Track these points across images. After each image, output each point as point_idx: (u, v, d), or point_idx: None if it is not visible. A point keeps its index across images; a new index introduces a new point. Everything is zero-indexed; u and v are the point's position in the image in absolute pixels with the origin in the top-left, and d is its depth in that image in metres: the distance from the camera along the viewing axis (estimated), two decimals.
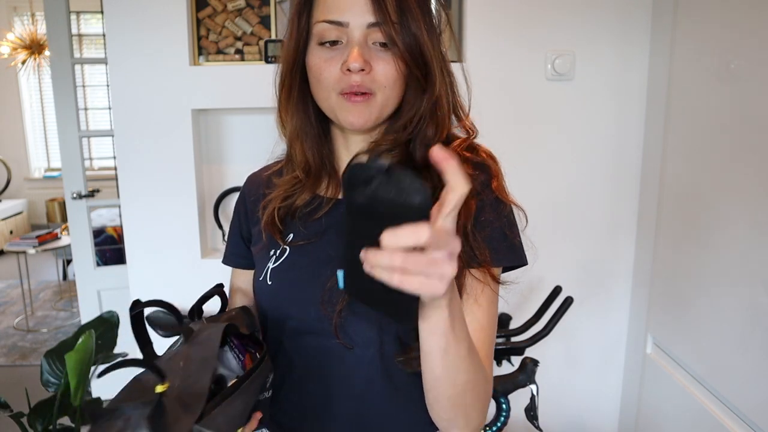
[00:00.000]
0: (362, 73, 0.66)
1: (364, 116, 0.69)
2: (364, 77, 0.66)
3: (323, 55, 0.68)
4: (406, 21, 0.65)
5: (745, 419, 1.33)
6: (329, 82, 0.68)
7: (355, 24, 0.66)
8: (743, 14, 1.34)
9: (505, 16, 1.73)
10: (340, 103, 0.69)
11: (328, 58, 0.68)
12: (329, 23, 0.66)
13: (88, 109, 5.28)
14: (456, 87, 0.74)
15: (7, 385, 2.87)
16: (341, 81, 0.67)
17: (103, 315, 1.92)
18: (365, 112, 0.69)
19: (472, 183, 0.69)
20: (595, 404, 2.01)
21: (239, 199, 0.88)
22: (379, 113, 0.70)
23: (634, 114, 1.81)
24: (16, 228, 5.74)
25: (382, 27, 0.65)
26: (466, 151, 0.74)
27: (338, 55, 0.67)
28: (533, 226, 0.78)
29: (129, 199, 1.79)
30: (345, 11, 0.65)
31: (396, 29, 0.65)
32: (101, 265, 2.62)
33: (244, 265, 0.87)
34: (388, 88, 0.68)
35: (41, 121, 6.11)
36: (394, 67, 0.67)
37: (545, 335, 1.47)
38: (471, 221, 0.68)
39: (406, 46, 0.66)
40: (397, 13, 0.65)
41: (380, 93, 0.68)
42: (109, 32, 1.70)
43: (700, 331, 1.51)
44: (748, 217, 1.32)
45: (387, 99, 0.69)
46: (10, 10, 5.66)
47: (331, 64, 0.67)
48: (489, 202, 0.71)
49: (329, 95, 0.69)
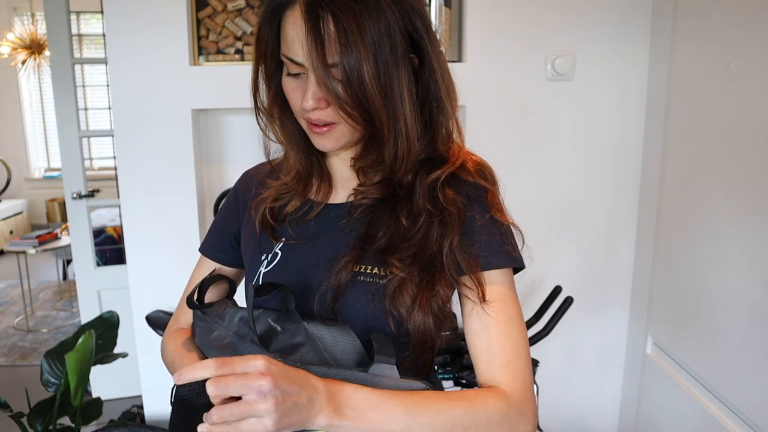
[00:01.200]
0: (318, 110, 0.66)
1: (331, 143, 0.70)
2: (320, 113, 0.66)
3: (290, 84, 0.68)
4: (345, 62, 0.60)
5: (745, 419, 1.33)
6: (296, 110, 0.70)
7: (308, 64, 0.63)
8: (743, 14, 1.34)
9: (505, 16, 1.73)
10: (308, 130, 0.70)
11: (294, 88, 0.68)
12: (289, 60, 0.66)
13: (88, 109, 5.28)
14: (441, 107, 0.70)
15: (7, 385, 2.87)
16: (305, 111, 0.67)
17: (103, 315, 1.92)
18: (332, 139, 0.69)
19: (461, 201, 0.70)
20: (595, 404, 2.01)
21: (231, 194, 0.88)
22: (348, 138, 0.70)
23: (634, 114, 1.81)
24: (16, 228, 5.74)
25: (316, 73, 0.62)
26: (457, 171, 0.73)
27: (301, 85, 0.67)
28: (533, 227, 0.78)
29: (129, 199, 1.79)
30: (297, 52, 0.64)
31: (330, 72, 0.61)
32: (101, 265, 2.62)
33: (220, 260, 0.87)
34: (351, 118, 0.65)
35: (41, 121, 6.11)
36: (348, 100, 0.64)
37: (545, 335, 1.47)
38: (457, 237, 0.68)
39: (341, 90, 0.62)
40: (338, 53, 0.60)
41: (341, 123, 0.67)
42: (109, 32, 1.70)
43: (700, 331, 1.51)
44: (748, 216, 1.32)
45: (352, 126, 0.67)
46: (10, 10, 5.66)
47: (297, 94, 0.68)
48: (481, 218, 0.71)
49: (300, 118, 0.71)
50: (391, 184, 0.72)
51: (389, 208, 0.71)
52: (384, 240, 0.69)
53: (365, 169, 0.74)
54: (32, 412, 1.70)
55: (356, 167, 0.75)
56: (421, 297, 0.66)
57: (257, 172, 0.87)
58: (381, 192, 0.72)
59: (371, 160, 0.72)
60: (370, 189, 0.73)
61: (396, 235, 0.69)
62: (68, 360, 1.57)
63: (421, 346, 0.68)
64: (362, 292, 0.69)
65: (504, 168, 0.84)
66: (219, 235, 0.87)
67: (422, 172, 0.71)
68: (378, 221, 0.71)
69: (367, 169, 0.74)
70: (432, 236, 0.68)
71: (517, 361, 0.67)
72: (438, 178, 0.71)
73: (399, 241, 0.69)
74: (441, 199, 0.70)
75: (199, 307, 0.75)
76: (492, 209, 0.72)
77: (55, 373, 1.75)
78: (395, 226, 0.70)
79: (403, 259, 0.67)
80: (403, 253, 0.68)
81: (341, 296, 0.69)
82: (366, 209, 0.73)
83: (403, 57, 0.65)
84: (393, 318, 0.67)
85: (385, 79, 0.63)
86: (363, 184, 0.74)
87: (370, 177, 0.74)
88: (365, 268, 0.70)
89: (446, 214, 0.69)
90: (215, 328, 0.72)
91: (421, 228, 0.69)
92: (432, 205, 0.70)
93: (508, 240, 0.72)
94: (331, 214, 0.76)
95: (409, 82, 0.66)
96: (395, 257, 0.68)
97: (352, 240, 0.72)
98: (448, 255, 0.68)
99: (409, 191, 0.72)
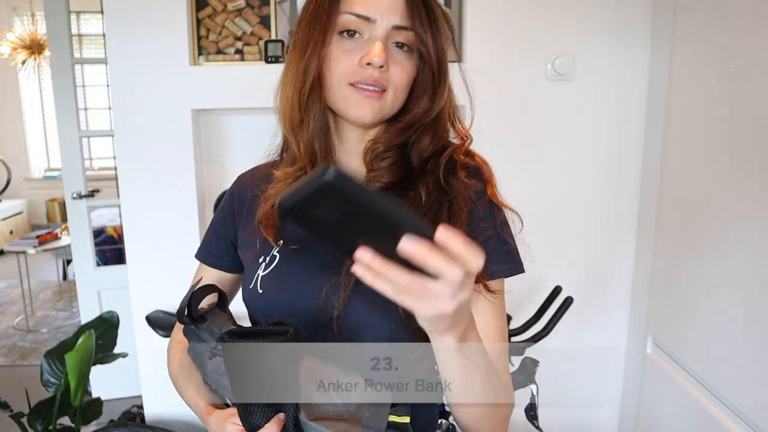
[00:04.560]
0: (381, 69, 0.67)
1: (374, 111, 0.69)
2: (381, 74, 0.67)
3: (343, 45, 0.68)
4: (434, 31, 0.67)
5: (745, 419, 1.33)
6: (343, 73, 0.68)
7: (382, 22, 0.66)
8: (743, 14, 1.34)
9: (505, 16, 1.73)
10: (351, 94, 0.69)
11: (348, 50, 0.68)
12: (356, 16, 0.67)
13: (88, 109, 5.27)
14: (453, 96, 0.75)
15: (7, 385, 2.87)
16: (356, 73, 0.68)
17: (103, 315, 1.92)
18: (375, 107, 0.69)
19: (467, 190, 0.70)
20: (595, 404, 2.01)
21: (227, 199, 0.86)
22: (387, 111, 0.71)
23: (634, 114, 1.81)
24: (16, 228, 5.74)
25: (410, 32, 0.67)
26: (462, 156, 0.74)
27: (358, 48, 0.68)
28: (533, 226, 0.78)
29: (129, 199, 1.79)
30: (374, 7, 0.66)
31: (422, 37, 0.67)
32: (101, 265, 2.62)
33: (217, 265, 0.85)
34: (399, 90, 0.69)
35: (41, 121, 6.10)
36: (409, 71, 0.69)
37: (545, 335, 1.47)
38: (464, 229, 0.68)
39: (428, 55, 0.68)
40: (427, 22, 0.67)
41: (391, 92, 0.69)
42: (109, 32, 1.70)
43: (700, 331, 1.51)
44: (748, 216, 1.32)
45: (395, 99, 0.70)
46: (10, 10, 5.66)
47: (349, 55, 0.68)
48: (483, 210, 0.71)
49: (340, 85, 0.69)
50: (403, 168, 0.73)
51: (401, 192, 0.72)
52: None
53: (378, 157, 0.74)
54: (32, 412, 1.70)
55: (370, 155, 0.74)
56: None
57: (252, 174, 0.86)
58: (394, 175, 0.73)
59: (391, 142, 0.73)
60: (383, 173, 0.73)
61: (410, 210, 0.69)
62: (68, 360, 1.57)
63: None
64: (369, 291, 0.68)
65: (504, 168, 0.83)
66: (215, 241, 0.85)
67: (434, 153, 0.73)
68: None
69: (380, 156, 0.74)
70: (441, 219, 0.69)
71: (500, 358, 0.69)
72: (453, 157, 0.73)
73: None
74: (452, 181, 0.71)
75: (190, 322, 0.72)
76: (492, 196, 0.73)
77: (55, 373, 1.75)
78: (410, 205, 0.70)
79: None
80: None
81: (348, 298, 0.68)
82: None
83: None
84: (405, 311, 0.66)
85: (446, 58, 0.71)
86: (373, 170, 0.74)
87: (379, 164, 0.74)
88: None
89: (454, 199, 0.70)
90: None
91: (432, 207, 0.69)
92: (445, 181, 0.71)
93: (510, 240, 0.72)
94: None
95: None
96: None
97: None
98: None
99: (422, 171, 0.72)
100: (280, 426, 0.58)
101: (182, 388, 0.78)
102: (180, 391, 0.79)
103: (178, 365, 0.80)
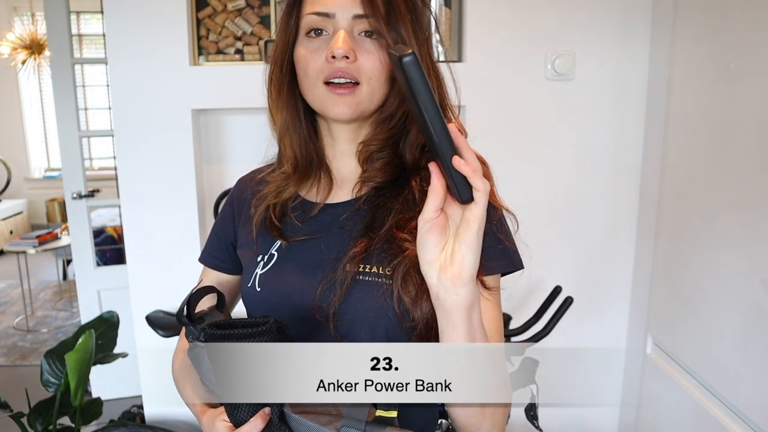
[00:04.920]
0: (347, 60, 0.67)
1: (350, 107, 0.69)
2: (348, 65, 0.67)
3: (310, 45, 0.69)
4: (393, 17, 0.67)
5: (745, 419, 1.33)
6: (314, 72, 0.69)
7: (342, 15, 0.67)
8: (743, 14, 1.34)
9: (505, 16, 1.73)
10: (326, 94, 0.69)
11: (315, 49, 0.69)
12: (316, 15, 0.68)
13: (88, 109, 5.27)
14: (445, 88, 0.74)
15: (7, 385, 2.87)
16: (325, 69, 0.68)
17: (103, 315, 1.92)
18: (351, 103, 0.69)
19: None
20: (595, 404, 2.01)
21: (228, 201, 0.88)
22: (366, 105, 0.70)
23: (634, 114, 1.81)
24: (16, 228, 5.74)
25: (369, 19, 0.67)
26: None
27: (324, 45, 0.68)
28: (533, 226, 0.78)
29: (129, 199, 1.79)
30: (332, 3, 0.67)
31: (382, 22, 0.67)
32: (101, 265, 2.62)
33: (219, 267, 0.87)
34: (373, 79, 0.68)
35: (41, 121, 6.11)
36: (379, 58, 0.68)
37: (545, 335, 1.47)
38: None
39: (392, 39, 0.67)
40: (385, 7, 0.67)
41: (365, 84, 0.69)
42: (109, 32, 1.70)
43: (700, 331, 1.51)
44: (748, 216, 1.32)
45: (373, 91, 0.69)
46: (10, 10, 5.66)
47: (317, 54, 0.68)
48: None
49: (315, 85, 0.70)
50: (398, 167, 0.73)
51: (396, 191, 0.72)
52: (393, 219, 0.70)
53: (372, 156, 0.74)
54: (32, 412, 1.70)
55: (363, 154, 0.75)
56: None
57: (251, 177, 0.87)
58: (389, 174, 0.73)
59: (381, 138, 0.73)
60: (377, 172, 0.73)
61: (406, 211, 0.70)
62: (68, 360, 1.57)
63: (427, 333, 0.68)
64: (364, 290, 0.69)
65: (504, 168, 0.84)
66: (216, 244, 0.87)
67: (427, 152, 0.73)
68: (386, 204, 0.72)
69: (374, 155, 0.74)
70: None
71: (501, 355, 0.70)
72: None
73: (409, 218, 0.69)
74: None
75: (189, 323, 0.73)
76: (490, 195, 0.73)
77: (55, 373, 1.75)
78: (404, 202, 0.70)
79: (413, 233, 0.67)
80: (414, 229, 0.67)
81: (344, 296, 0.69)
82: (373, 196, 0.73)
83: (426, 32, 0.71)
84: (400, 307, 0.67)
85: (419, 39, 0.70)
86: (367, 171, 0.74)
87: (374, 164, 0.74)
88: (367, 267, 0.69)
89: None
90: None
91: None
92: None
93: (508, 237, 0.73)
94: (331, 214, 0.76)
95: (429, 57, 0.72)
96: (406, 233, 0.68)
97: (356, 234, 0.71)
98: None
99: (416, 167, 0.72)
100: (265, 420, 0.59)
101: (182, 389, 0.79)
102: (180, 392, 0.80)
103: (179, 367, 0.81)
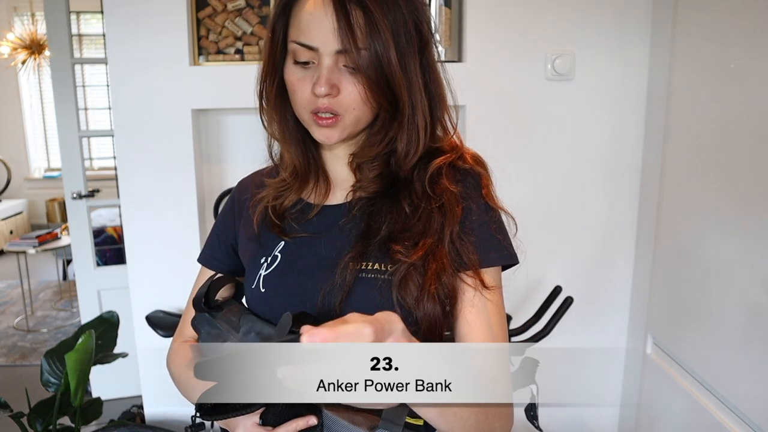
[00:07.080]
0: (329, 96, 0.68)
1: (334, 136, 0.71)
2: (331, 100, 0.68)
3: (297, 74, 0.70)
4: (374, 47, 0.65)
5: (745, 419, 1.33)
6: (302, 102, 0.70)
7: (324, 50, 0.66)
8: (743, 14, 1.34)
9: (505, 16, 1.73)
10: (312, 122, 0.71)
11: (301, 78, 0.69)
12: (301, 45, 0.68)
13: (88, 109, 5.28)
14: (437, 102, 0.74)
15: (7, 385, 2.87)
16: (312, 102, 0.69)
17: (103, 315, 1.92)
18: (334, 133, 0.70)
19: (458, 189, 0.71)
20: (595, 404, 2.01)
21: (228, 202, 0.89)
22: (352, 129, 0.72)
23: (634, 114, 1.80)
24: (16, 228, 5.74)
25: (350, 54, 0.66)
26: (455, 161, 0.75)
27: (309, 75, 0.69)
28: (533, 226, 0.79)
29: (129, 199, 1.79)
30: (314, 37, 0.66)
31: (362, 56, 0.65)
32: (101, 265, 2.62)
33: (218, 268, 0.87)
34: (356, 110, 0.69)
35: (41, 121, 6.11)
36: (360, 91, 0.68)
37: (545, 335, 1.47)
38: (457, 227, 0.70)
39: (372, 73, 0.66)
40: (367, 38, 0.65)
41: (348, 114, 0.69)
42: (109, 32, 1.70)
43: (700, 331, 1.51)
44: (748, 216, 1.32)
45: (356, 119, 0.70)
46: (10, 10, 5.66)
47: (303, 83, 0.69)
48: (478, 208, 0.72)
49: (302, 112, 0.71)
50: (389, 178, 0.74)
51: (389, 200, 0.73)
52: (386, 230, 0.70)
53: (363, 166, 0.75)
54: (32, 412, 1.70)
55: (354, 164, 0.76)
56: (429, 286, 0.67)
57: (252, 179, 0.88)
58: (380, 185, 0.74)
59: (371, 155, 0.74)
60: (368, 183, 0.74)
61: (398, 224, 0.71)
62: (68, 360, 1.57)
63: (430, 334, 0.68)
64: (367, 288, 0.69)
65: (503, 168, 0.84)
66: (217, 245, 0.88)
67: (421, 162, 0.74)
68: (379, 213, 0.72)
69: (365, 166, 0.75)
70: (433, 225, 0.70)
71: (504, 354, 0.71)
72: (440, 166, 0.73)
73: (401, 230, 0.70)
74: (440, 187, 0.72)
75: (206, 309, 0.73)
76: (487, 197, 0.74)
77: (55, 373, 1.75)
78: (396, 215, 0.71)
79: (407, 246, 0.68)
80: (406, 241, 0.69)
81: (347, 294, 0.69)
82: (366, 203, 0.74)
83: (415, 48, 0.69)
84: (402, 308, 0.67)
85: (405, 65, 0.68)
86: (360, 180, 0.76)
87: (366, 174, 0.75)
88: (368, 265, 0.70)
89: (445, 202, 0.71)
90: (226, 337, 0.71)
91: (422, 216, 0.70)
92: (432, 191, 0.72)
93: (504, 235, 0.73)
94: (330, 215, 0.77)
95: (421, 72, 0.71)
96: (399, 245, 0.69)
97: (353, 237, 0.72)
98: (449, 245, 0.69)
99: (408, 181, 0.73)
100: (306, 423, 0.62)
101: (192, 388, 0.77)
102: (187, 391, 0.79)
103: (186, 364, 0.80)
